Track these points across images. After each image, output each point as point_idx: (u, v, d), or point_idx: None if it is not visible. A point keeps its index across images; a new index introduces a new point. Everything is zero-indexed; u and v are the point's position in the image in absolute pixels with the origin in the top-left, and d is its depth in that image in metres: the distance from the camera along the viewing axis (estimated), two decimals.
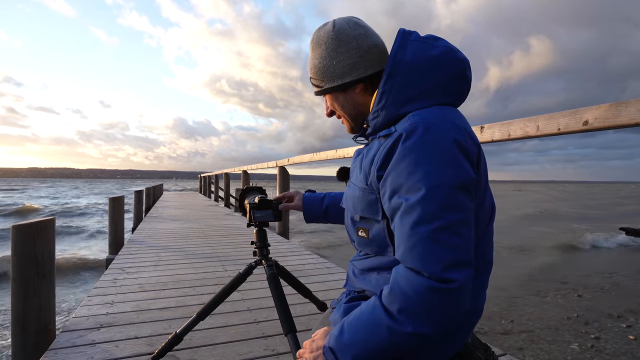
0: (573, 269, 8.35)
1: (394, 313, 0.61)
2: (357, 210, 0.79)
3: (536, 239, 12.77)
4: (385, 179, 0.69)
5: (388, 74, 0.73)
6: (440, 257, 0.59)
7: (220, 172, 11.14)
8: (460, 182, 0.63)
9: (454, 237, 0.60)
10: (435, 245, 0.59)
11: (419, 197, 0.61)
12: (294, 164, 4.58)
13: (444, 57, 0.74)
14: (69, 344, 1.64)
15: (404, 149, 0.66)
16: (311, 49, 0.85)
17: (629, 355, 3.80)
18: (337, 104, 0.85)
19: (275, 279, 1.40)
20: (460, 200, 0.62)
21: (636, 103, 1.03)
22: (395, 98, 0.73)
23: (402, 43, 0.74)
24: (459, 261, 0.59)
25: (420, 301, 0.59)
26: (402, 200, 0.64)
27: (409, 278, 0.61)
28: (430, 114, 0.69)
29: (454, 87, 0.75)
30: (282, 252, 3.78)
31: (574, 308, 5.33)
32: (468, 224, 0.63)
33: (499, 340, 4.12)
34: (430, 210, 0.60)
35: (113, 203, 4.50)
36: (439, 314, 0.59)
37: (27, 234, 1.61)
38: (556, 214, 22.69)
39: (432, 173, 0.62)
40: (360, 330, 0.65)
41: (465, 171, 0.64)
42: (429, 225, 0.60)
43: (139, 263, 3.23)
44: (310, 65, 0.86)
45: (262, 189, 1.60)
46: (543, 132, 1.34)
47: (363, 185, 0.77)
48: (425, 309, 0.59)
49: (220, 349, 1.62)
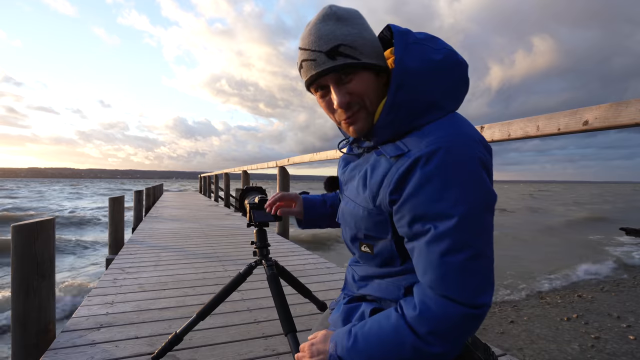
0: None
1: (422, 334, 0.62)
2: (361, 229, 0.76)
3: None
4: (403, 204, 0.65)
5: (397, 85, 0.67)
6: (473, 284, 0.60)
7: (220, 172, 11.14)
8: (488, 204, 0.63)
9: (483, 261, 0.61)
10: (467, 274, 0.60)
11: (449, 226, 0.60)
12: (294, 164, 4.58)
13: (446, 61, 0.70)
14: (69, 344, 1.64)
15: (425, 174, 0.62)
16: (336, 18, 0.69)
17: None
18: (369, 90, 0.71)
19: (275, 279, 1.40)
20: (486, 222, 0.63)
21: (636, 103, 1.03)
22: (407, 112, 0.68)
23: (405, 48, 0.68)
24: (487, 284, 0.61)
25: (453, 326, 0.61)
26: (430, 227, 0.62)
27: (441, 305, 0.61)
28: (444, 130, 0.65)
29: (458, 92, 0.72)
30: (282, 252, 3.78)
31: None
32: (491, 241, 0.64)
33: (499, 340, 4.12)
34: (462, 239, 0.60)
35: (113, 203, 4.50)
36: (466, 335, 0.62)
37: (27, 234, 1.61)
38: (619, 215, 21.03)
39: (461, 200, 0.60)
40: (379, 345, 0.65)
41: (490, 191, 0.64)
42: (460, 255, 0.60)
43: (139, 263, 3.23)
44: (343, 31, 0.68)
45: (262, 189, 1.60)
46: (543, 132, 1.34)
47: (369, 205, 0.73)
48: (456, 332, 0.61)
49: (220, 349, 1.62)
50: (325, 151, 3.60)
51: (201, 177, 17.52)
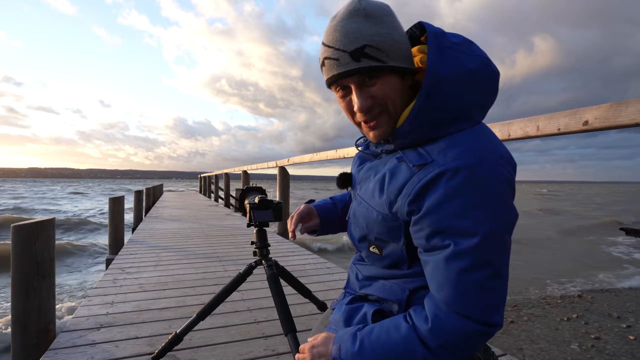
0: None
1: (433, 347, 0.62)
2: (373, 232, 0.75)
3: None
4: (424, 217, 0.63)
5: (427, 92, 0.64)
6: (489, 303, 0.61)
7: (220, 172, 11.15)
8: (510, 224, 0.63)
9: (500, 281, 0.61)
10: (485, 292, 0.60)
11: (471, 244, 0.59)
12: (294, 164, 4.58)
13: (481, 71, 0.67)
14: (69, 344, 1.64)
15: (449, 189, 0.60)
16: (365, 15, 0.64)
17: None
18: (394, 93, 0.67)
19: (275, 279, 1.41)
20: (507, 242, 0.63)
21: (636, 103, 1.03)
22: (433, 120, 0.65)
23: (438, 52, 0.64)
24: (501, 303, 0.62)
25: (465, 342, 0.61)
26: (450, 242, 0.61)
27: (456, 321, 0.61)
28: (472, 144, 0.63)
29: (487, 103, 0.70)
30: (282, 252, 3.78)
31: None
32: (508, 262, 0.64)
33: (499, 340, 4.12)
34: (483, 258, 0.60)
35: (113, 203, 4.50)
36: (473, 350, 0.64)
37: (27, 234, 1.61)
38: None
39: (485, 219, 0.59)
40: (387, 354, 0.65)
41: (514, 212, 0.64)
42: (479, 273, 0.60)
43: (139, 263, 3.23)
44: (371, 31, 0.64)
45: (262, 189, 1.60)
46: (543, 132, 1.34)
47: (385, 211, 0.70)
48: (466, 348, 0.62)
49: (220, 349, 1.62)
50: (325, 151, 3.61)
51: (201, 177, 17.53)
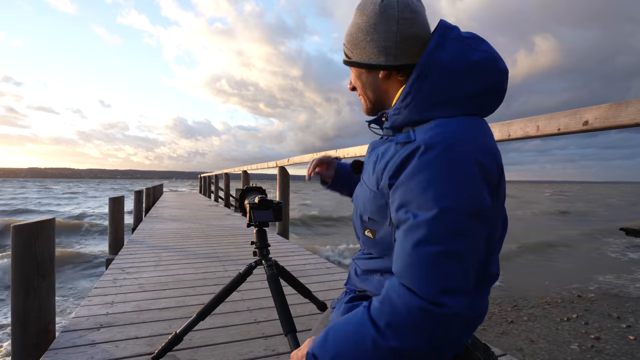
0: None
1: (381, 327, 0.60)
2: (367, 211, 0.77)
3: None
4: (396, 189, 0.65)
5: (418, 73, 0.67)
6: (437, 281, 0.57)
7: (220, 172, 11.15)
8: (475, 209, 0.60)
9: (456, 264, 0.58)
10: (434, 268, 0.57)
11: (427, 217, 0.59)
12: (294, 164, 4.58)
13: (483, 65, 0.68)
14: (69, 344, 1.64)
15: (420, 162, 0.62)
16: (354, 14, 0.77)
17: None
18: (359, 81, 0.80)
19: (275, 279, 1.41)
20: (470, 227, 0.60)
21: (636, 103, 1.03)
22: (421, 101, 0.68)
23: (440, 40, 0.67)
24: (456, 288, 0.58)
25: (410, 319, 0.58)
26: (410, 215, 0.61)
27: (402, 295, 0.59)
28: (454, 128, 0.64)
29: (487, 100, 0.70)
30: (282, 252, 3.78)
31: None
32: (475, 251, 0.60)
33: (499, 341, 4.12)
34: (437, 233, 0.58)
35: (113, 203, 4.50)
36: (426, 335, 0.58)
37: (27, 234, 1.61)
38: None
39: (447, 195, 0.59)
40: (344, 340, 0.64)
41: (481, 198, 0.61)
42: (432, 247, 0.58)
43: (139, 263, 3.23)
44: (348, 31, 0.79)
45: (262, 189, 1.60)
46: (543, 132, 1.34)
47: (374, 188, 0.74)
48: (413, 327, 0.58)
49: (220, 349, 1.62)
50: (325, 151, 3.61)
51: (201, 177, 17.53)
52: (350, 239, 12.31)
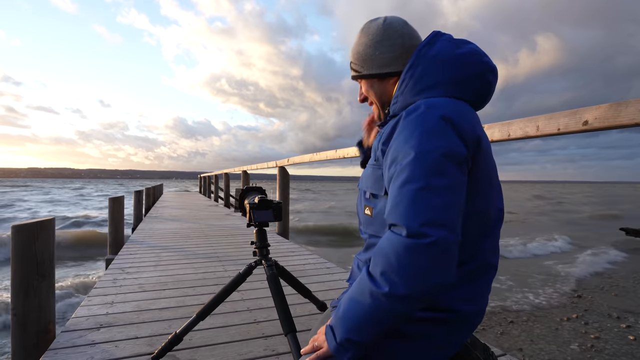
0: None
1: (377, 277, 0.64)
2: (368, 186, 0.84)
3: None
4: (387, 152, 0.74)
5: (411, 63, 0.79)
6: (419, 213, 0.62)
7: (220, 172, 11.15)
8: (449, 152, 0.67)
9: (436, 198, 0.63)
10: (416, 203, 0.63)
11: (408, 160, 0.67)
12: (293, 164, 4.58)
13: (467, 56, 0.78)
14: (69, 344, 1.64)
15: (404, 122, 0.72)
16: (358, 36, 0.90)
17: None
18: (372, 91, 0.90)
19: (275, 279, 1.41)
20: (447, 167, 0.66)
21: (636, 103, 1.03)
22: (413, 85, 0.78)
23: (431, 41, 0.80)
24: (437, 220, 0.62)
25: (397, 260, 0.61)
26: (397, 166, 0.69)
27: (389, 238, 0.64)
28: (437, 99, 0.74)
29: (472, 86, 0.78)
30: (282, 252, 3.78)
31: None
32: (455, 191, 0.65)
33: (499, 341, 4.12)
34: (416, 172, 0.65)
35: (113, 203, 4.50)
36: (413, 272, 0.60)
37: (27, 234, 1.61)
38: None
39: (423, 140, 0.67)
40: (351, 301, 0.68)
41: (455, 143, 0.68)
42: (413, 184, 0.65)
43: (139, 263, 3.23)
44: (354, 50, 0.90)
45: (262, 189, 1.60)
46: (543, 132, 1.34)
47: (372, 161, 0.84)
48: (401, 267, 0.61)
49: (220, 349, 1.62)
50: (325, 151, 3.61)
51: (201, 177, 17.53)
52: None
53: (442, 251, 0.60)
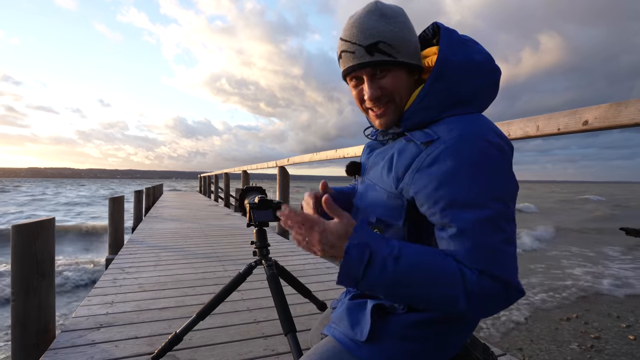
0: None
1: (472, 299, 0.61)
2: (376, 212, 0.76)
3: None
4: (436, 190, 0.65)
5: (436, 74, 0.70)
6: (508, 267, 0.62)
7: (220, 172, 11.15)
8: (514, 193, 0.66)
9: (514, 247, 0.64)
10: (507, 256, 0.62)
11: (482, 212, 0.62)
12: (294, 164, 4.58)
13: (485, 64, 0.74)
14: (69, 344, 1.64)
15: (456, 161, 0.64)
16: (380, 15, 0.72)
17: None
18: (399, 85, 0.74)
19: (275, 279, 1.41)
20: (513, 210, 0.66)
21: (636, 103, 1.03)
22: (441, 101, 0.71)
23: (450, 44, 0.72)
24: (516, 269, 0.63)
25: (492, 301, 0.62)
26: (469, 211, 0.63)
27: (491, 286, 0.62)
28: (475, 124, 0.68)
29: (488, 95, 0.76)
30: (282, 252, 3.78)
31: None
32: (515, 230, 0.66)
33: (499, 341, 4.12)
34: (501, 224, 0.62)
35: (113, 203, 4.50)
36: (495, 310, 0.64)
37: (26, 234, 1.61)
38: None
39: (493, 188, 0.63)
40: (423, 271, 0.62)
41: (516, 181, 0.67)
42: (499, 235, 0.62)
43: (139, 263, 3.23)
44: (385, 29, 0.71)
45: (262, 189, 1.60)
46: (543, 132, 1.34)
47: (391, 189, 0.73)
48: (490, 305, 0.62)
49: (220, 349, 1.62)
50: (325, 151, 3.61)
51: (201, 177, 17.52)
52: None
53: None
